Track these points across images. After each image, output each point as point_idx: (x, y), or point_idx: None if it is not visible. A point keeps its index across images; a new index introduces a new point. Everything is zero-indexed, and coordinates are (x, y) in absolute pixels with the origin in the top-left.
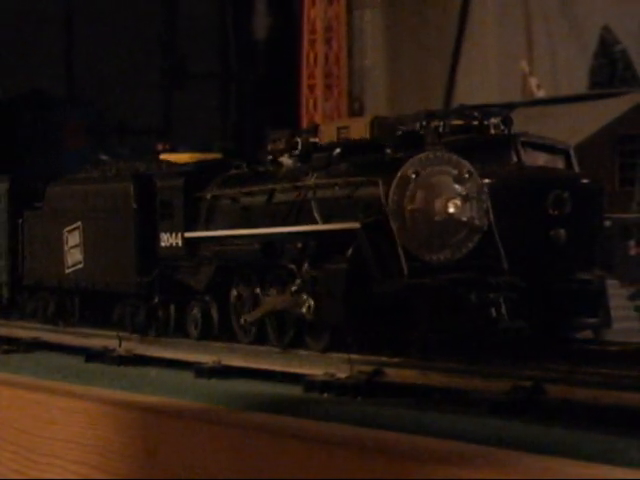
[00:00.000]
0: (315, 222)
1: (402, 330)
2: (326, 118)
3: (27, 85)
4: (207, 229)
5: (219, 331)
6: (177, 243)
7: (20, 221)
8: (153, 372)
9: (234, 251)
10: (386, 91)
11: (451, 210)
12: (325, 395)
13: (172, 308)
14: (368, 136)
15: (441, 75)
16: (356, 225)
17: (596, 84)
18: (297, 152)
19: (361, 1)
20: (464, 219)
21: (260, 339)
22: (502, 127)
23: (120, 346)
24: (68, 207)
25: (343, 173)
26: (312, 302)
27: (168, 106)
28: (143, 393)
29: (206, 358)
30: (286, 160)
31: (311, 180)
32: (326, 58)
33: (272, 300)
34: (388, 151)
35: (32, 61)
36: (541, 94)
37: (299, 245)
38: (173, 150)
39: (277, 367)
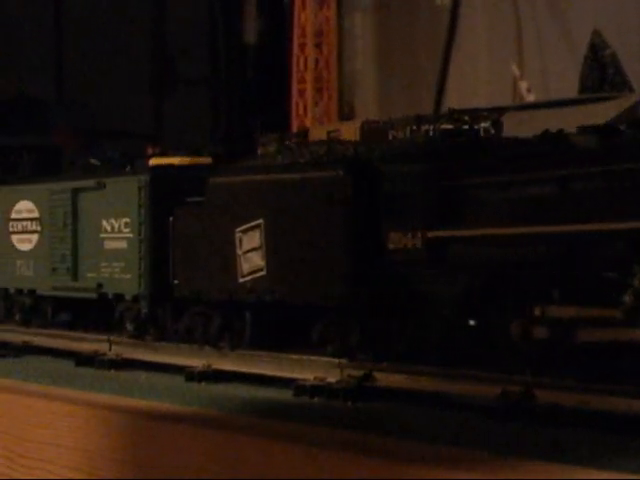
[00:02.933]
0: None
1: None
2: (316, 122)
3: (15, 89)
4: (460, 226)
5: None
6: (414, 244)
7: (170, 219)
8: (143, 376)
9: (514, 255)
10: (376, 95)
11: None
12: (315, 399)
13: (409, 327)
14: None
15: (431, 79)
16: None
17: (586, 88)
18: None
19: (352, 5)
20: None
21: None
22: (492, 131)
23: (110, 350)
24: (242, 201)
25: None
26: None
27: (158, 110)
28: (133, 397)
29: (196, 362)
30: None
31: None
32: (316, 62)
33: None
34: None
35: (20, 64)
36: (531, 98)
37: (624, 246)
38: (163, 154)
39: (268, 371)
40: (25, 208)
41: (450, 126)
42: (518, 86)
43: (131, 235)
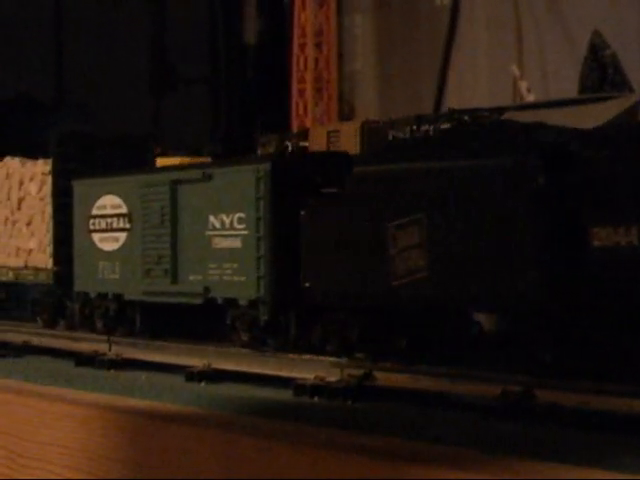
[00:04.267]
0: None
1: None
2: (316, 122)
3: (14, 89)
4: None
5: None
6: (629, 241)
7: (302, 214)
8: (143, 376)
9: None
10: (376, 95)
11: None
12: (315, 399)
13: (624, 343)
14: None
15: (431, 79)
16: None
17: (586, 88)
18: None
19: (351, 5)
20: None
21: None
22: None
23: (110, 350)
24: (398, 193)
25: None
26: None
27: (157, 110)
28: (133, 397)
29: (196, 362)
30: None
31: None
32: (316, 62)
33: None
34: None
35: (20, 65)
36: (531, 98)
37: None
38: (164, 154)
39: (268, 371)
40: (110, 203)
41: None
42: (518, 86)
43: (247, 232)
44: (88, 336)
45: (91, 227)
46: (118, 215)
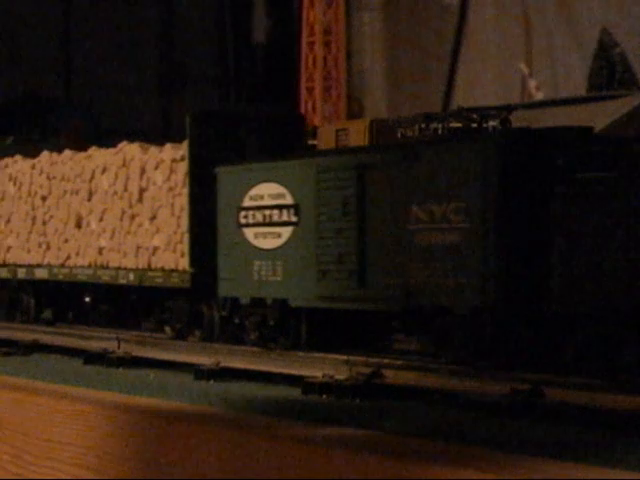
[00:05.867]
0: None
1: None
2: (325, 120)
3: (23, 88)
4: None
5: None
6: None
7: (554, 205)
8: (152, 374)
9: None
10: (385, 93)
11: None
12: (324, 397)
13: None
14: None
15: (440, 77)
16: None
17: (595, 86)
18: None
19: (360, 4)
20: None
21: None
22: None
23: (119, 348)
24: None
25: None
26: None
27: (166, 109)
28: (142, 395)
29: (205, 360)
30: None
31: None
32: (325, 60)
33: None
34: None
35: (29, 64)
36: (540, 96)
37: None
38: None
39: (277, 369)
40: (268, 193)
41: (459, 124)
42: (527, 84)
43: (467, 225)
44: (96, 334)
45: (242, 221)
46: (280, 206)
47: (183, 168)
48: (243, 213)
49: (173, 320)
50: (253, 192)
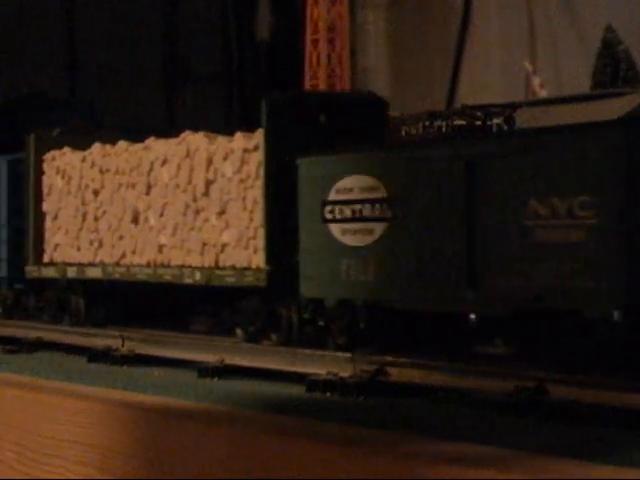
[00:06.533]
0: None
1: None
2: None
3: (27, 86)
4: None
5: None
6: None
7: None
8: (156, 372)
9: None
10: (389, 91)
11: None
12: (328, 394)
13: None
14: None
15: (444, 75)
16: None
17: (599, 84)
18: None
19: (364, 1)
20: None
21: None
22: (505, 127)
23: (123, 346)
24: None
25: None
26: None
27: (170, 106)
28: (146, 393)
29: (209, 357)
30: None
31: None
32: (329, 58)
33: None
34: None
35: (32, 61)
36: (544, 94)
37: None
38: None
39: (281, 366)
40: (358, 185)
41: (463, 122)
42: (531, 82)
43: (595, 221)
44: (100, 332)
45: (327, 216)
46: (372, 200)
47: (256, 158)
48: (329, 207)
49: (245, 322)
50: (340, 185)
